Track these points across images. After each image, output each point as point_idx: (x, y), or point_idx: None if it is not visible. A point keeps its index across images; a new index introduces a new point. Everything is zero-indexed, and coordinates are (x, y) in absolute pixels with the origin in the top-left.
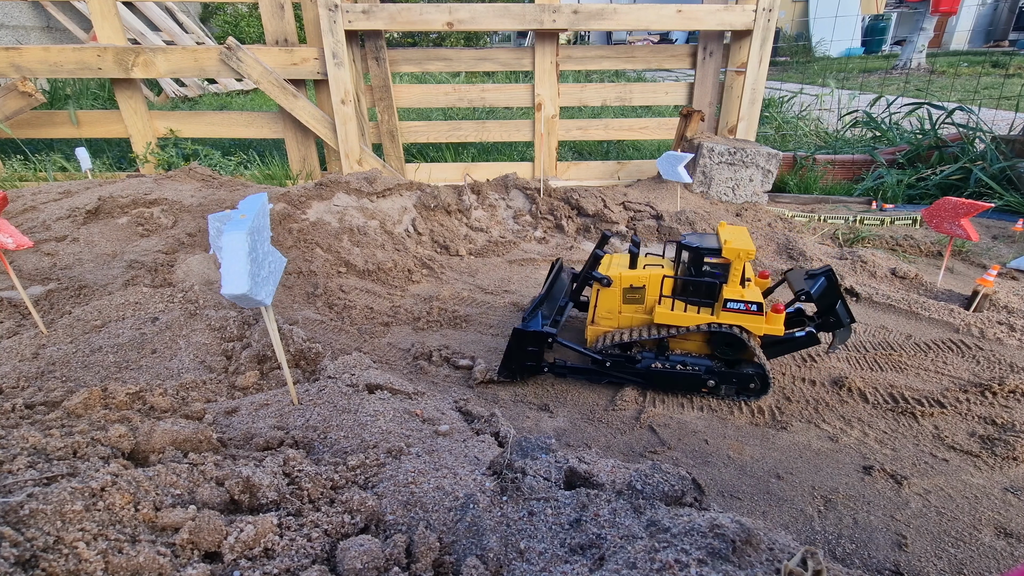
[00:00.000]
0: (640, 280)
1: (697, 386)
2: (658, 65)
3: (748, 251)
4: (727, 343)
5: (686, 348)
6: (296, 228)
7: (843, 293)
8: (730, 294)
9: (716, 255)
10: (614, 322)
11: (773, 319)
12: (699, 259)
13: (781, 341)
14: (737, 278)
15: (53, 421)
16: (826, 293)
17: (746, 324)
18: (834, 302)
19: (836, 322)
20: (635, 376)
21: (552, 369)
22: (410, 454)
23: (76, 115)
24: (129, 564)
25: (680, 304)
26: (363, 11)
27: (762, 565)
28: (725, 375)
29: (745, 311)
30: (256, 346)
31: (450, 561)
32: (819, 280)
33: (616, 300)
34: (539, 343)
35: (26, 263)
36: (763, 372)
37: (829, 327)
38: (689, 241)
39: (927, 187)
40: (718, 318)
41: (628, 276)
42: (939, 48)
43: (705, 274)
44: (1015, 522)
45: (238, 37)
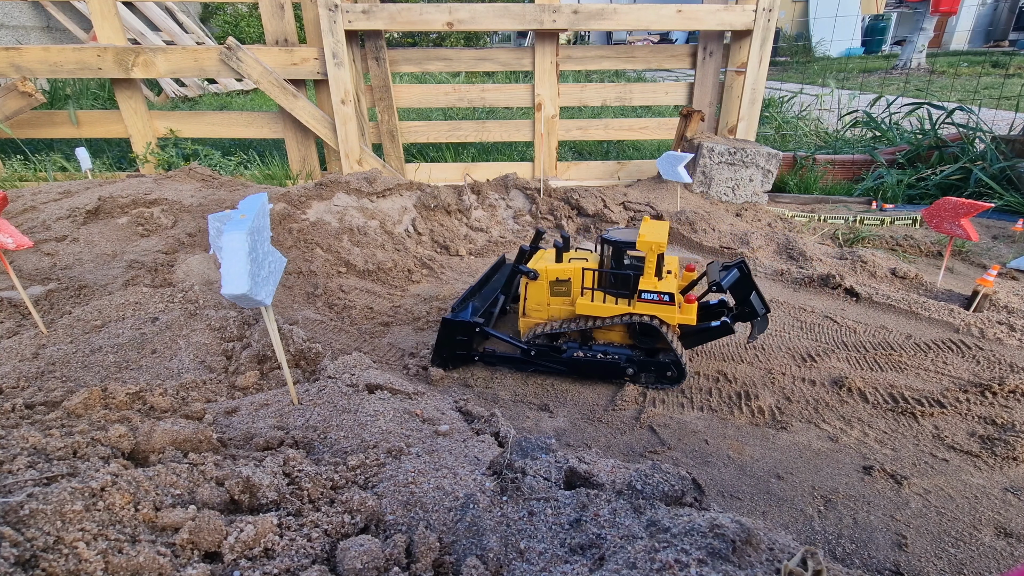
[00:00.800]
0: (565, 273)
1: (617, 374)
2: (658, 65)
3: (659, 244)
4: (644, 332)
5: (610, 338)
6: (296, 228)
7: (756, 284)
8: (645, 285)
9: (632, 248)
10: (544, 314)
11: (686, 309)
12: (619, 253)
13: (698, 331)
14: (652, 270)
15: (53, 421)
16: (738, 284)
17: (660, 314)
18: (747, 293)
19: (751, 312)
20: (560, 365)
21: (482, 358)
22: (410, 454)
23: (76, 115)
24: (129, 564)
25: (601, 296)
26: (363, 11)
27: (762, 565)
28: (643, 364)
29: (658, 301)
30: (256, 346)
31: (450, 561)
32: (731, 272)
33: (544, 293)
34: (468, 333)
35: (26, 263)
36: (678, 361)
37: (745, 317)
38: (609, 236)
39: (927, 187)
40: (634, 309)
41: (553, 269)
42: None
43: (626, 267)
44: (1015, 522)
45: (238, 37)
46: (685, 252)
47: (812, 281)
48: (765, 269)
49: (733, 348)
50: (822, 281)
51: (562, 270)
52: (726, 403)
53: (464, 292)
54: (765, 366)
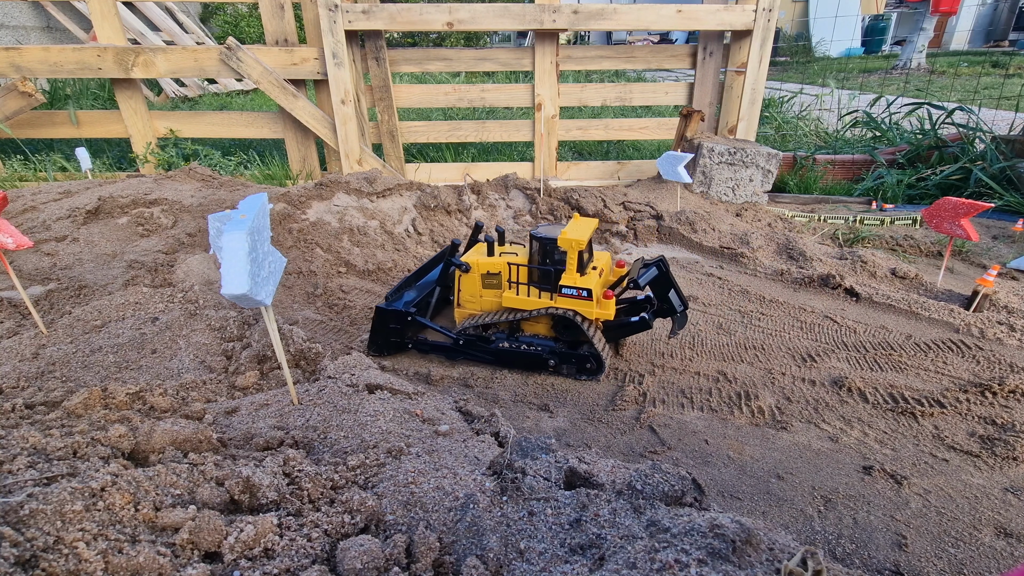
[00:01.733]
0: (496, 267)
1: (540, 365)
2: (658, 65)
3: (579, 241)
4: (564, 326)
5: (536, 330)
6: (296, 228)
7: (675, 281)
8: (566, 281)
9: (554, 244)
10: (476, 305)
11: (604, 304)
12: (544, 248)
13: (618, 325)
14: (573, 266)
15: (53, 421)
16: (656, 281)
17: (580, 308)
18: (666, 290)
19: (669, 309)
20: (486, 354)
21: (415, 346)
22: (410, 454)
23: (76, 115)
24: (129, 564)
25: (527, 290)
26: (363, 11)
27: (762, 565)
28: (565, 355)
29: (577, 296)
30: (256, 346)
31: (450, 561)
32: (649, 269)
33: (476, 285)
34: (400, 321)
35: (26, 263)
36: (597, 354)
37: (664, 313)
38: (536, 232)
39: (927, 187)
40: (555, 303)
41: (484, 263)
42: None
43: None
44: (1015, 522)
45: (238, 37)
46: (685, 252)
47: (812, 281)
48: (765, 269)
49: (733, 348)
50: (822, 281)
51: (492, 264)
52: (726, 403)
53: (399, 282)
54: (765, 366)
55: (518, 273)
